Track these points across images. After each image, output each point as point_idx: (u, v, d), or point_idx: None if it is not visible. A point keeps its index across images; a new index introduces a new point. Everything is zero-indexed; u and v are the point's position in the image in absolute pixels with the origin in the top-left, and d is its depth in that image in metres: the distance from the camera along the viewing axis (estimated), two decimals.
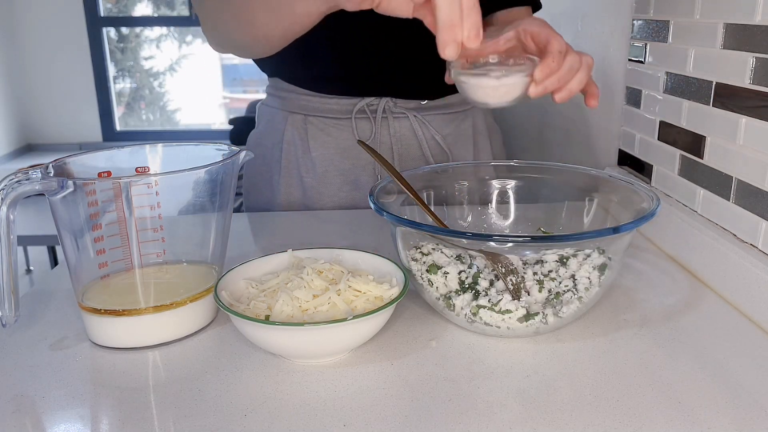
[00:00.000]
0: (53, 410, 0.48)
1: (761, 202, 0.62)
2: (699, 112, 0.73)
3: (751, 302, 0.60)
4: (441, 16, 0.54)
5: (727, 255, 0.64)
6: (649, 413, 0.46)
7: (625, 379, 0.50)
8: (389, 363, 0.53)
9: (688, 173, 0.76)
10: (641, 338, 0.57)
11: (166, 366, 0.53)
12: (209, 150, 0.61)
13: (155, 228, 0.56)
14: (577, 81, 0.62)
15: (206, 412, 0.47)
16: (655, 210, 0.55)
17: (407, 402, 0.48)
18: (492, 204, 0.70)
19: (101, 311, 0.55)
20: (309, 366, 0.52)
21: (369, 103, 0.92)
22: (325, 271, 0.57)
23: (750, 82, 0.63)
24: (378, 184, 0.63)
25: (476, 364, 0.53)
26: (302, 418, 0.46)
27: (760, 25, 0.61)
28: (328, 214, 0.92)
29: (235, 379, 0.51)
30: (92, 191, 0.53)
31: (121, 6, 4.60)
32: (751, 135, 0.63)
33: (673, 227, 0.75)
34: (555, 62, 0.61)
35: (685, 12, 0.75)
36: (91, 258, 0.55)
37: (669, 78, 0.80)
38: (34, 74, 4.41)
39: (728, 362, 0.53)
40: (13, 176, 0.51)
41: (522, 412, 0.46)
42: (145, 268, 0.57)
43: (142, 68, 4.75)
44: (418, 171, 0.70)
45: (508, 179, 0.70)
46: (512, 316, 0.54)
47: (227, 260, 0.63)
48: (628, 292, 0.66)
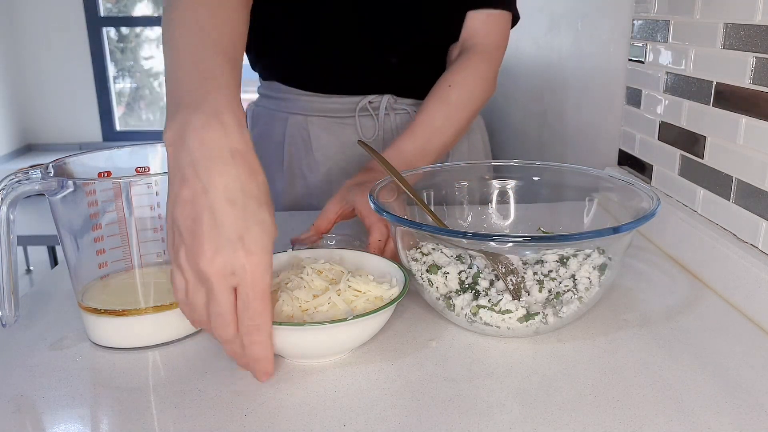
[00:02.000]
0: (53, 410, 0.48)
1: (761, 202, 0.62)
2: (699, 112, 0.73)
3: (751, 302, 0.60)
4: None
5: (727, 255, 0.64)
6: (649, 413, 0.46)
7: (625, 379, 0.50)
8: (389, 363, 0.53)
9: (688, 173, 0.76)
10: (641, 338, 0.57)
11: (166, 366, 0.53)
12: None
13: (155, 228, 0.56)
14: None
15: (206, 412, 0.47)
16: (655, 210, 0.55)
17: (407, 402, 0.48)
18: (492, 204, 0.70)
19: (101, 311, 0.55)
20: (309, 366, 0.52)
21: (371, 101, 0.92)
22: (325, 271, 0.57)
23: (750, 82, 0.63)
24: (378, 183, 0.63)
25: (476, 364, 0.53)
26: (302, 418, 0.46)
27: (760, 25, 0.61)
28: None
29: (235, 379, 0.51)
30: (92, 191, 0.53)
31: (121, 6, 4.60)
32: (751, 135, 0.63)
33: (673, 227, 0.75)
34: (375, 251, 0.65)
35: (685, 12, 0.75)
36: (91, 258, 0.55)
37: (669, 78, 0.80)
38: (34, 74, 4.41)
39: (728, 362, 0.53)
40: (13, 176, 0.51)
41: (522, 412, 0.46)
42: (145, 268, 0.57)
43: (142, 68, 4.74)
44: (418, 171, 0.70)
45: (508, 179, 0.70)
46: (512, 316, 0.54)
47: None
48: (628, 292, 0.66)
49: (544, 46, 1.49)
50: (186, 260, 0.46)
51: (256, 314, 0.46)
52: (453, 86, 0.82)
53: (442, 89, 0.82)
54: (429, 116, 0.80)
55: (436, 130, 0.80)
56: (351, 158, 0.94)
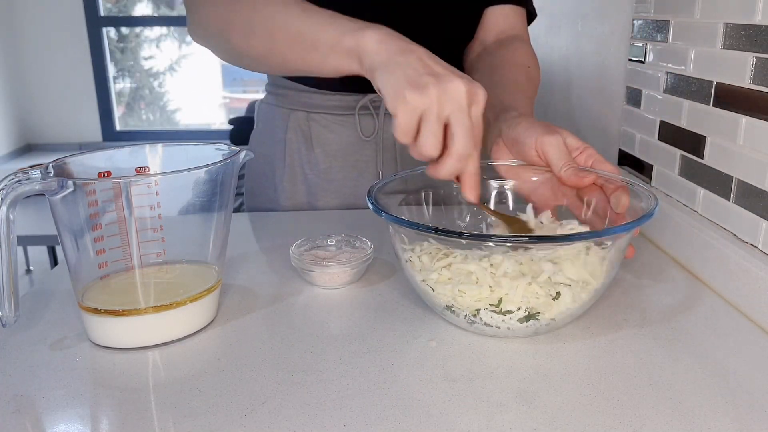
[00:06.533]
0: (53, 410, 0.48)
1: (761, 202, 0.62)
2: (699, 112, 0.73)
3: (751, 302, 0.60)
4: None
5: (727, 255, 0.64)
6: (649, 413, 0.46)
7: (625, 379, 0.50)
8: (389, 363, 0.53)
9: (688, 173, 0.76)
10: (641, 338, 0.57)
11: (166, 366, 0.53)
12: (209, 150, 0.61)
13: (155, 228, 0.56)
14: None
15: (206, 412, 0.47)
16: (653, 210, 0.55)
17: (407, 402, 0.48)
18: (490, 204, 0.70)
19: (101, 311, 0.55)
20: (309, 366, 0.52)
21: (372, 99, 0.92)
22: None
23: (750, 82, 0.63)
24: (376, 183, 0.63)
25: (476, 365, 0.53)
26: (302, 418, 0.46)
27: (760, 25, 0.61)
28: (329, 214, 0.92)
29: (235, 379, 0.51)
30: (92, 191, 0.53)
31: (121, 6, 4.60)
32: (751, 135, 0.63)
33: (673, 227, 0.75)
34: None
35: (685, 12, 0.75)
36: (91, 258, 0.55)
37: (669, 78, 0.80)
38: (34, 74, 4.41)
39: (728, 362, 0.53)
40: (13, 176, 0.51)
41: (522, 412, 0.46)
42: (145, 268, 0.57)
43: (142, 68, 4.75)
44: (417, 171, 0.70)
45: (508, 179, 0.70)
46: (512, 316, 0.54)
47: (227, 260, 0.63)
48: (628, 293, 0.66)
49: (544, 46, 1.49)
50: (436, 87, 0.55)
51: (481, 134, 0.57)
52: (531, 67, 0.85)
53: (521, 71, 0.83)
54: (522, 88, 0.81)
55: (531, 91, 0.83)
56: (351, 157, 0.94)
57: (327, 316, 0.61)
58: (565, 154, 0.63)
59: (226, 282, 0.68)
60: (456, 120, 0.56)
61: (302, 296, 0.65)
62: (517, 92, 0.78)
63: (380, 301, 0.64)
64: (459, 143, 0.56)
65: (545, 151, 0.63)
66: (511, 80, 0.80)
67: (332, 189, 0.94)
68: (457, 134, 0.56)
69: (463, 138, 0.56)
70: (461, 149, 0.56)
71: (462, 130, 0.56)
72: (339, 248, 0.71)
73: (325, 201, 0.95)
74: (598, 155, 0.64)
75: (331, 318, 0.61)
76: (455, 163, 0.57)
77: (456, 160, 0.57)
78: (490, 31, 0.91)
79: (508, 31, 0.90)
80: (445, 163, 0.57)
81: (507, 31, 0.90)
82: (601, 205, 0.63)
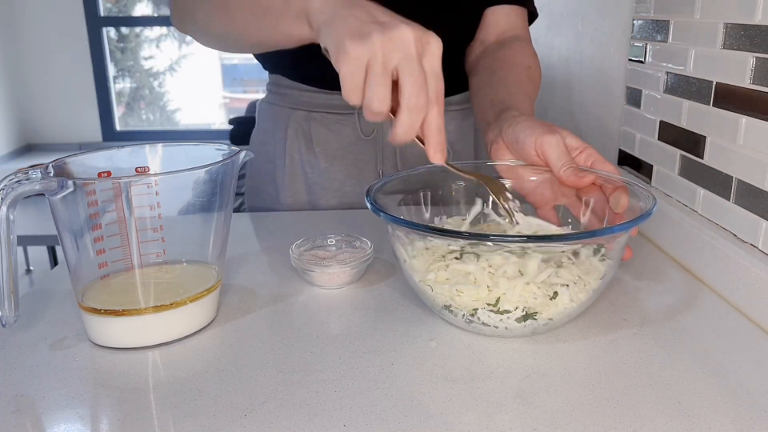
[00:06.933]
0: (53, 410, 0.48)
1: (761, 202, 0.62)
2: (699, 112, 0.73)
3: (751, 302, 0.60)
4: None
5: (727, 255, 0.64)
6: (649, 413, 0.46)
7: (625, 379, 0.50)
8: (389, 363, 0.53)
9: (688, 173, 0.76)
10: (641, 338, 0.57)
11: (166, 366, 0.53)
12: (209, 150, 0.61)
13: (155, 228, 0.56)
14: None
15: (206, 412, 0.47)
16: (652, 210, 0.55)
17: (407, 402, 0.48)
18: (489, 204, 0.70)
19: (101, 311, 0.55)
20: (309, 366, 0.52)
21: None
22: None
23: (750, 82, 0.63)
24: (375, 183, 0.63)
25: (476, 364, 0.53)
26: (302, 418, 0.46)
27: (760, 25, 0.61)
28: (329, 214, 0.92)
29: (235, 379, 0.51)
30: (92, 191, 0.53)
31: (121, 6, 4.60)
32: (751, 135, 0.63)
33: (673, 227, 0.75)
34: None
35: (685, 12, 0.75)
36: (91, 258, 0.55)
37: (669, 78, 0.80)
38: (34, 74, 4.42)
39: (728, 362, 0.53)
40: (13, 176, 0.51)
41: (522, 412, 0.46)
42: (145, 268, 0.57)
43: (142, 68, 4.75)
44: (416, 171, 0.70)
45: (507, 179, 0.70)
46: (510, 316, 0.54)
47: (227, 260, 0.63)
48: (627, 292, 0.66)
49: (544, 46, 1.49)
50: (380, 34, 0.51)
51: (441, 87, 0.53)
52: (532, 67, 0.85)
53: (522, 71, 0.83)
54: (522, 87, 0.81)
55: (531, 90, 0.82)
56: (351, 156, 0.94)
57: (327, 316, 0.61)
58: (565, 154, 0.63)
59: (226, 282, 0.68)
60: (404, 69, 0.51)
61: (302, 296, 0.65)
62: (518, 92, 0.78)
63: (380, 301, 0.64)
64: (408, 94, 0.52)
65: (545, 151, 0.63)
66: (512, 80, 0.80)
67: (332, 188, 0.94)
68: (405, 85, 0.52)
69: (412, 87, 0.52)
70: (412, 101, 0.52)
71: (411, 79, 0.51)
72: (339, 248, 0.71)
73: (326, 200, 0.95)
74: (598, 155, 0.64)
75: (331, 318, 0.61)
76: (408, 118, 0.53)
77: (408, 114, 0.52)
78: (491, 31, 0.91)
79: (509, 31, 0.90)
80: (398, 119, 0.53)
81: (508, 32, 0.90)
82: (600, 205, 0.63)
